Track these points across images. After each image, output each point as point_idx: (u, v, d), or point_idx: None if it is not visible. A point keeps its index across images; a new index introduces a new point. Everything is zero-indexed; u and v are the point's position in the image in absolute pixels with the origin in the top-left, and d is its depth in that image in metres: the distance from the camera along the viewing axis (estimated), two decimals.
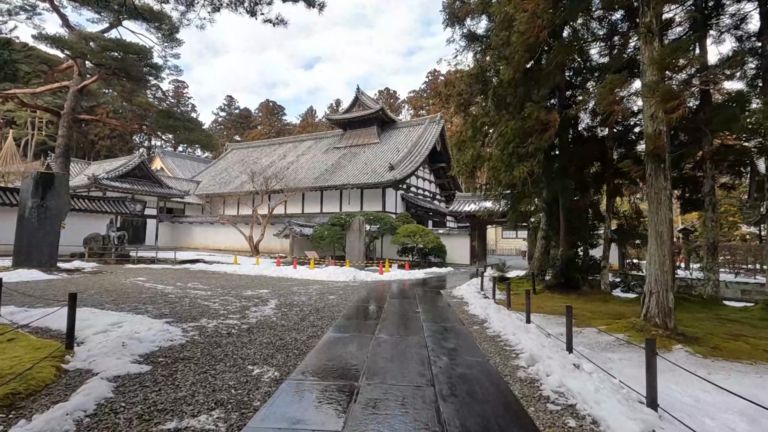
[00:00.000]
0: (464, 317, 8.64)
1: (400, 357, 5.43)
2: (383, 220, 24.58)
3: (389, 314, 8.66)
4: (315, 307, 9.23)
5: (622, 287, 15.49)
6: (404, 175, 30.72)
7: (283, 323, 7.32)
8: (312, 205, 34.88)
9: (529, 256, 23.96)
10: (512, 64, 9.40)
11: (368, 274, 17.21)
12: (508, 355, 5.72)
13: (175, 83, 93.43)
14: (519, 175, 9.61)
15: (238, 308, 8.64)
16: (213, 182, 42.49)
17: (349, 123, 40.55)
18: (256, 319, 7.59)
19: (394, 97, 75.52)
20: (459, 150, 11.57)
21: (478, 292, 12.31)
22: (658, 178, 7.99)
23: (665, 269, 7.90)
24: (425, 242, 22.75)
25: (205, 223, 34.66)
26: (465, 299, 11.21)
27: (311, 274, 17.15)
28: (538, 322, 7.99)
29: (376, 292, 12.58)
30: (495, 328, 7.39)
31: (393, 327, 7.42)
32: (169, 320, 7.05)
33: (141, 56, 19.72)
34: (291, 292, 11.73)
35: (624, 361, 5.89)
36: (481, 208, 24.89)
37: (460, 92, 11.77)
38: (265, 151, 47.09)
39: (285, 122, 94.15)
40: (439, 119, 37.81)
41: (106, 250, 20.57)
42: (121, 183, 30.50)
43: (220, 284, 12.99)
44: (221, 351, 5.38)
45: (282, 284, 13.66)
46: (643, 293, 8.16)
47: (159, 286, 11.80)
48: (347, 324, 7.55)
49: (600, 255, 14.15)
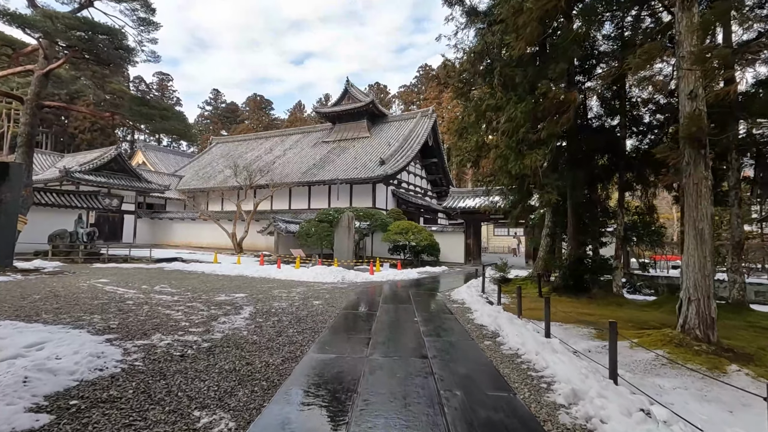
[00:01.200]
0: (471, 328, 7.40)
1: (401, 392, 4.16)
2: (374, 216, 23.29)
3: (383, 325, 7.38)
4: (296, 316, 7.91)
5: (628, 288, 14.44)
6: (395, 170, 29.46)
7: (255, 339, 6.00)
8: (299, 201, 33.49)
9: (527, 255, 22.89)
10: (524, 36, 8.16)
11: (358, 274, 15.92)
12: (538, 387, 4.48)
13: (159, 76, 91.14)
14: (531, 163, 8.40)
15: (204, 318, 7.28)
16: (196, 177, 40.76)
17: (338, 116, 39.12)
18: (222, 333, 6.25)
19: (384, 91, 74.09)
20: (460, 137, 10.32)
21: (480, 295, 11.10)
22: (697, 166, 6.82)
23: (706, 273, 6.75)
24: (418, 240, 21.53)
25: (186, 219, 33.01)
26: (467, 304, 9.99)
27: (296, 274, 15.80)
28: (556, 333, 6.79)
29: (367, 296, 11.30)
30: (511, 343, 6.15)
31: (389, 343, 6.14)
32: (111, 337, 5.69)
33: (111, 37, 18.09)
34: (271, 296, 10.38)
35: (681, 391, 4.70)
36: (477, 203, 23.72)
37: (461, 73, 10.52)
38: (251, 145, 45.44)
39: (273, 117, 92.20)
40: (431, 113, 36.60)
41: (74, 248, 18.96)
42: (95, 176, 28.72)
43: (193, 287, 11.59)
44: (164, 385, 4.06)
45: (262, 287, 12.30)
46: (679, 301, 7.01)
47: (120, 290, 10.37)
48: (333, 339, 6.25)
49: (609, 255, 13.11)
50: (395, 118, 39.28)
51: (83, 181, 27.85)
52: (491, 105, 9.37)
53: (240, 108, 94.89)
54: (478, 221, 24.80)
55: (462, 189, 28.37)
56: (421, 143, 33.81)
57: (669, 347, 6.43)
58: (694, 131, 6.64)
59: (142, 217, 33.34)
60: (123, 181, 30.58)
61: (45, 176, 30.45)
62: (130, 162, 34.60)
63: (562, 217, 12.98)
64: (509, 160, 8.80)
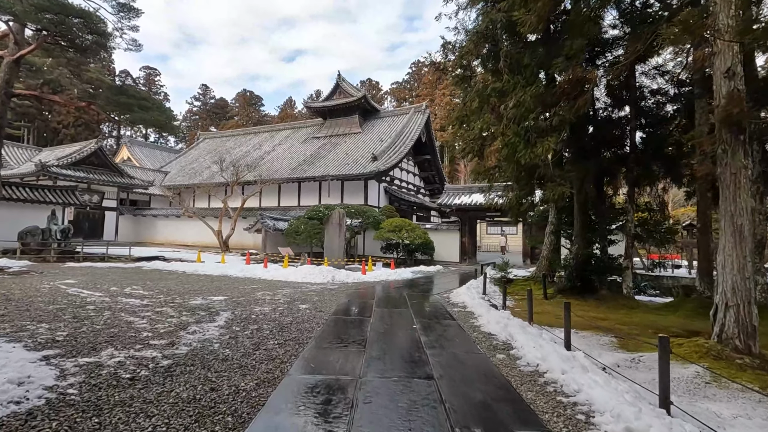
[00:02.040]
0: (478, 337, 6.51)
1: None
2: (366, 213, 22.36)
3: (378, 335, 6.46)
4: (279, 323, 6.96)
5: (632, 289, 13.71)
6: (388, 167, 28.53)
7: (227, 354, 5.05)
8: (289, 198, 32.42)
9: (524, 254, 22.14)
10: (535, 10, 7.29)
11: (349, 274, 14.98)
12: (575, 420, 3.59)
13: (146, 70, 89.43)
14: (543, 152, 7.53)
15: (171, 327, 6.31)
16: (182, 173, 39.48)
17: (329, 111, 38.05)
18: (189, 347, 5.29)
19: (376, 88, 73.07)
20: (462, 125, 9.44)
21: (482, 297, 10.23)
22: (735, 153, 5.99)
23: (746, 275, 5.93)
24: (412, 238, 20.63)
25: (171, 217, 31.76)
26: (470, 308, 9.11)
27: (283, 274, 14.81)
28: (575, 343, 5.93)
29: (359, 299, 10.37)
30: (529, 357, 5.27)
31: (385, 358, 5.23)
32: (51, 353, 4.70)
33: (86, 21, 16.94)
34: (253, 299, 9.40)
35: (744, 420, 3.85)
36: (473, 200, 22.89)
37: (463, 56, 9.61)
38: (240, 141, 44.21)
39: (263, 113, 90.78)
40: (424, 109, 35.70)
41: (46, 246, 17.77)
42: (74, 171, 27.36)
43: (168, 288, 10.57)
44: (94, 425, 3.10)
45: (245, 288, 11.31)
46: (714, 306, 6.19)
47: (85, 293, 9.33)
48: (320, 354, 5.32)
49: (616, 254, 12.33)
50: (388, 114, 38.35)
51: (61, 176, 26.49)
52: (497, 89, 8.48)
53: (229, 104, 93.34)
54: (473, 219, 23.98)
55: (457, 185, 27.56)
56: (414, 139, 32.91)
57: (707, 360, 5.60)
58: (733, 114, 5.80)
59: (124, 214, 32.02)
60: (104, 176, 29.23)
61: (21, 170, 28.98)
62: (112, 157, 33.22)
63: (567, 214, 12.18)
64: (518, 148, 7.93)
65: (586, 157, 10.50)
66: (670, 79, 11.93)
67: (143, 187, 31.88)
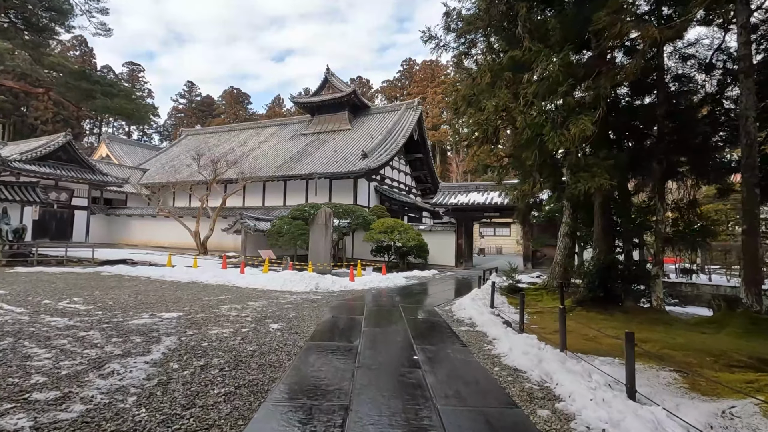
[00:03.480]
0: (504, 377, 4.84)
1: None
2: (355, 213, 20.65)
3: (369, 375, 4.77)
4: (236, 356, 5.23)
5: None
6: (378, 164, 26.87)
7: (139, 419, 3.33)
8: (274, 198, 30.60)
9: (525, 257, 20.60)
10: None
11: (335, 281, 13.26)
12: None
13: (130, 66, 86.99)
14: (577, 134, 5.91)
15: (81, 365, 4.55)
16: (162, 170, 37.34)
17: (317, 107, 36.29)
18: (86, 404, 3.55)
19: (366, 86, 71.34)
20: (470, 105, 7.80)
21: (491, 312, 8.60)
22: None
23: None
24: (405, 240, 18.98)
25: (146, 216, 29.69)
26: (480, 326, 7.48)
27: (261, 281, 13.05)
28: (609, 372, 4.30)
29: (345, 313, 8.67)
30: (588, 419, 3.62)
31: (381, 424, 3.55)
32: None
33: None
34: (215, 316, 7.64)
35: None
36: (470, 200, 21.30)
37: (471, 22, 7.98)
38: (224, 138, 42.24)
39: (251, 112, 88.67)
40: (416, 105, 34.10)
41: None
42: (38, 167, 25.22)
43: (115, 301, 8.76)
44: None
45: (210, 300, 9.54)
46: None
47: (4, 308, 7.50)
48: (283, 416, 3.61)
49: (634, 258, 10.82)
50: (378, 110, 36.75)
51: (24, 172, 24.33)
52: (516, 58, 6.86)
53: (216, 102, 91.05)
54: (470, 219, 22.40)
55: (453, 183, 26.01)
56: (406, 137, 31.30)
57: None
58: None
59: (96, 213, 29.88)
60: (73, 172, 27.13)
61: None
62: (83, 152, 31.05)
63: (585, 213, 10.63)
64: (544, 130, 6.33)
65: (612, 145, 8.96)
66: (698, 65, 10.47)
67: (117, 185, 29.82)
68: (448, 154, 66.05)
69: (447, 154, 65.86)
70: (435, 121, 59.86)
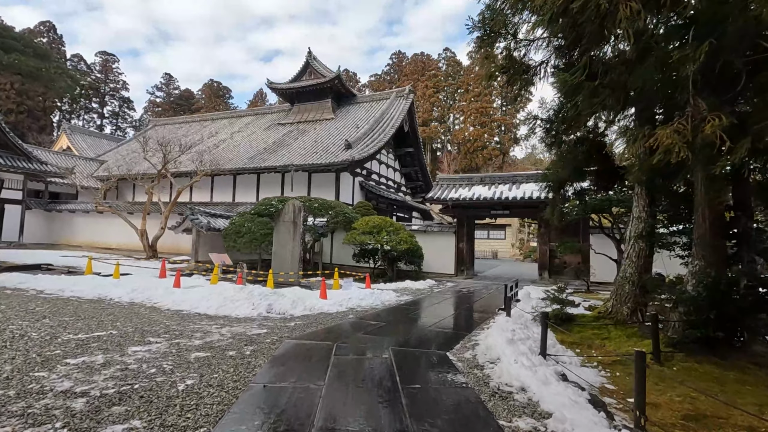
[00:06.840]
0: None
1: None
2: (335, 209, 16.90)
3: None
4: None
5: None
6: (364, 156, 23.16)
7: None
8: (245, 193, 26.76)
9: (540, 265, 17.04)
10: None
11: (298, 300, 9.46)
12: None
13: (103, 56, 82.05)
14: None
15: None
16: (122, 162, 33.07)
17: (297, 94, 32.45)
18: None
19: (354, 80, 67.68)
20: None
21: (549, 368, 4.94)
22: None
23: None
24: (395, 242, 15.30)
25: (92, 213, 25.47)
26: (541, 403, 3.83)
27: (192, 300, 9.21)
28: None
29: (290, 378, 4.91)
30: None
31: None
32: None
33: None
34: (41, 390, 3.87)
35: None
36: (475, 194, 17.66)
37: None
38: (194, 128, 38.14)
39: (232, 107, 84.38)
40: (407, 93, 30.51)
41: None
42: None
43: None
44: None
45: (68, 340, 5.73)
46: None
47: None
48: None
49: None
50: (366, 99, 33.11)
51: None
52: None
53: (195, 95, 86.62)
54: (473, 219, 18.79)
55: (453, 176, 22.36)
56: (395, 127, 27.67)
57: None
58: None
59: (33, 208, 25.61)
60: (2, 159, 22.90)
61: None
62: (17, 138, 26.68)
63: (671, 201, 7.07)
64: None
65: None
66: None
67: (59, 176, 25.60)
68: (438, 153, 62.71)
69: (437, 153, 62.51)
70: (426, 117, 56.46)
